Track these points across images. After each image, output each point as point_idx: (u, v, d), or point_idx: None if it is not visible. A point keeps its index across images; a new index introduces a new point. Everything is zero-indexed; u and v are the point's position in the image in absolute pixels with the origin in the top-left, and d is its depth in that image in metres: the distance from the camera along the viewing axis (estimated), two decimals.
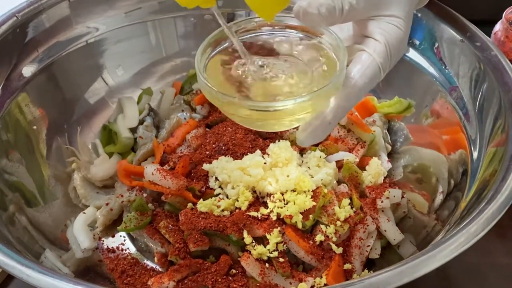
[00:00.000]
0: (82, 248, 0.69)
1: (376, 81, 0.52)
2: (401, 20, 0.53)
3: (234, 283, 0.62)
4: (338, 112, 0.51)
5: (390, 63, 0.53)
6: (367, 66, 0.51)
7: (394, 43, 0.52)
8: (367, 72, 0.51)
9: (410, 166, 0.77)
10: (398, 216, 0.71)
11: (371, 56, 0.51)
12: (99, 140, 0.84)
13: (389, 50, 0.52)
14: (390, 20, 0.53)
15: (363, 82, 0.51)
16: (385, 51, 0.52)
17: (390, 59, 0.52)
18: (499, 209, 0.53)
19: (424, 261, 0.48)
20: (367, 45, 0.52)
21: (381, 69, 0.52)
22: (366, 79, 0.51)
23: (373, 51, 0.51)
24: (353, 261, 0.64)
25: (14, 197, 0.69)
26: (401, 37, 0.53)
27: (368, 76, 0.51)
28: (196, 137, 0.77)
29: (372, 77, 0.51)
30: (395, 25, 0.53)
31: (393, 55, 0.52)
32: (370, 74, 0.51)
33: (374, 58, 0.51)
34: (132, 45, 0.91)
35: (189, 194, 0.69)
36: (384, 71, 0.52)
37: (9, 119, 0.74)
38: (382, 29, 0.52)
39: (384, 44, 0.52)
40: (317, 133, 0.52)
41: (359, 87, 0.51)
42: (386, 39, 0.52)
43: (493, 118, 0.65)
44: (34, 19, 0.79)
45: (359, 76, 0.51)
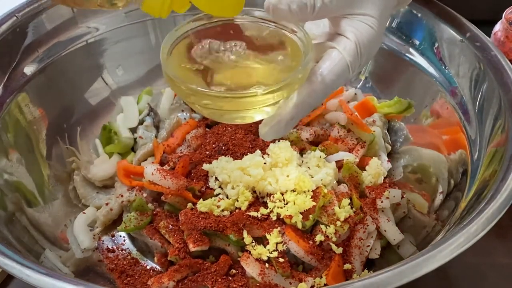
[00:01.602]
0: (82, 248, 0.69)
1: (344, 79, 0.52)
2: (374, 19, 0.53)
3: (234, 283, 0.62)
4: (302, 108, 0.51)
5: (360, 62, 0.52)
6: (336, 63, 0.51)
7: (365, 42, 0.52)
8: (335, 69, 0.51)
9: (410, 166, 0.77)
10: (398, 216, 0.71)
11: (340, 53, 0.51)
12: (99, 140, 0.84)
13: (360, 48, 0.51)
14: (362, 19, 0.52)
15: (330, 79, 0.51)
16: (355, 49, 0.51)
17: (360, 58, 0.52)
18: (499, 209, 0.53)
19: (424, 261, 0.48)
20: (338, 43, 0.52)
21: (350, 67, 0.51)
22: (333, 76, 0.51)
23: (343, 49, 0.51)
24: (353, 261, 0.64)
25: (14, 197, 0.69)
26: (373, 36, 0.52)
27: (336, 73, 0.51)
28: (196, 137, 0.77)
29: (339, 75, 0.51)
30: (368, 24, 0.52)
31: (363, 54, 0.52)
32: (338, 71, 0.51)
33: (343, 56, 0.51)
34: (132, 45, 0.91)
35: (189, 194, 0.69)
36: (353, 70, 0.52)
37: (9, 119, 0.74)
38: (354, 27, 0.52)
39: (355, 42, 0.51)
40: (279, 128, 0.52)
41: (326, 83, 0.51)
42: (357, 37, 0.51)
43: (493, 118, 0.65)
44: (34, 19, 0.79)
45: (327, 73, 0.51)
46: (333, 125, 0.77)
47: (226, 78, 0.52)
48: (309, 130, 0.76)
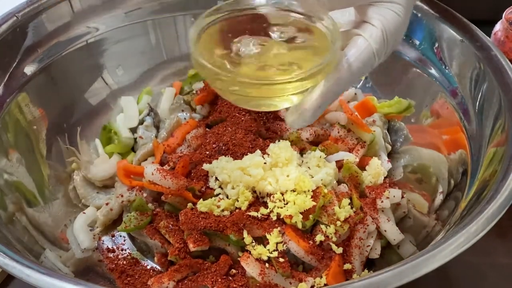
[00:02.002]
0: (82, 248, 0.69)
1: (369, 67, 0.52)
2: (401, 6, 0.52)
3: (234, 283, 0.62)
4: (329, 96, 0.51)
5: (386, 50, 0.52)
6: (362, 50, 0.51)
7: (391, 29, 0.52)
8: (361, 57, 0.51)
9: (410, 166, 0.77)
10: (398, 216, 0.71)
11: (366, 41, 0.51)
12: (99, 140, 0.84)
13: (386, 36, 0.51)
14: (389, 6, 0.52)
15: (356, 66, 0.51)
16: (381, 36, 0.51)
17: (386, 45, 0.52)
18: (499, 209, 0.53)
19: (424, 261, 0.48)
20: (364, 30, 0.52)
21: (376, 55, 0.51)
22: (359, 63, 0.51)
23: (369, 36, 0.51)
24: (353, 261, 0.64)
25: (14, 197, 0.69)
26: (399, 24, 0.52)
27: (362, 60, 0.51)
28: (196, 137, 0.77)
29: (365, 62, 0.51)
30: (394, 11, 0.52)
31: (389, 42, 0.52)
32: (364, 59, 0.51)
33: (369, 43, 0.51)
34: (132, 45, 0.91)
35: (189, 194, 0.69)
36: (379, 58, 0.52)
37: (9, 119, 0.74)
38: (380, 14, 0.52)
39: (381, 29, 0.51)
40: (307, 116, 0.52)
41: (352, 71, 0.51)
42: (383, 24, 0.51)
43: (493, 118, 0.65)
44: (34, 19, 0.79)
45: (353, 60, 0.51)
46: (333, 125, 0.77)
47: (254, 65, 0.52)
48: (309, 130, 0.76)
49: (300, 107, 0.52)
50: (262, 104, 0.53)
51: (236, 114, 0.79)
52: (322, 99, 0.51)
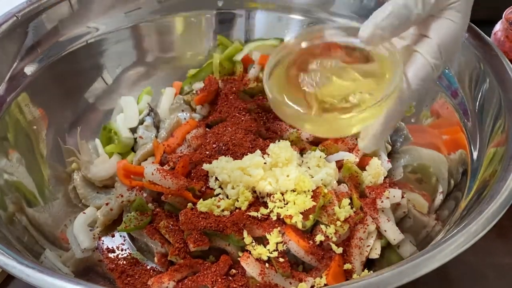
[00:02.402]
0: (82, 248, 0.69)
1: (429, 81, 0.52)
2: (458, 13, 0.52)
3: (234, 283, 0.62)
4: (393, 116, 0.53)
5: (443, 60, 0.52)
6: (419, 68, 0.52)
7: (447, 39, 0.52)
8: (420, 75, 0.52)
9: (410, 166, 0.77)
10: (398, 216, 0.71)
11: (423, 57, 0.51)
12: (99, 140, 0.84)
13: (442, 47, 0.52)
14: (447, 15, 0.52)
15: (415, 84, 0.52)
16: (437, 50, 0.51)
17: (442, 56, 0.52)
18: (499, 209, 0.53)
19: (424, 261, 0.48)
20: (421, 46, 0.52)
21: (434, 68, 0.52)
22: (418, 81, 0.52)
23: (426, 52, 0.52)
24: (353, 261, 0.64)
25: (14, 197, 0.69)
26: (455, 31, 0.52)
27: (421, 78, 0.52)
28: (196, 137, 0.77)
29: (425, 79, 0.52)
30: (451, 19, 0.52)
31: (446, 52, 0.52)
32: (423, 76, 0.52)
33: (426, 59, 0.51)
34: (132, 45, 0.91)
35: (189, 194, 0.69)
36: (438, 70, 0.52)
37: (9, 119, 0.74)
38: (437, 25, 0.52)
39: (436, 42, 0.51)
40: (375, 140, 0.55)
41: (412, 90, 0.52)
42: (439, 37, 0.52)
43: (493, 118, 0.65)
44: (34, 19, 0.79)
45: (412, 79, 0.51)
46: None
47: (326, 95, 0.54)
48: None
49: (368, 133, 0.55)
50: (331, 131, 0.57)
51: (236, 114, 0.79)
52: (386, 122, 0.53)
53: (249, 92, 0.84)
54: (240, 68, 0.87)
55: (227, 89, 0.82)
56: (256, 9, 0.93)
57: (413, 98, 0.53)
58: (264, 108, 0.81)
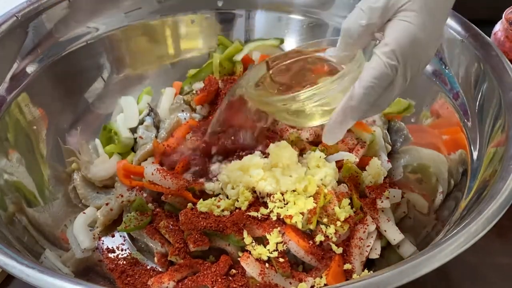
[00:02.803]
0: (82, 248, 0.69)
1: (385, 81, 0.53)
2: (414, 13, 0.53)
3: (234, 283, 0.62)
4: (347, 111, 0.55)
5: (403, 63, 0.53)
6: (373, 66, 0.53)
7: (402, 40, 0.52)
8: (372, 73, 0.53)
9: (410, 166, 0.77)
10: (398, 216, 0.71)
11: (377, 56, 0.53)
12: (99, 140, 0.84)
13: (396, 47, 0.52)
14: (401, 16, 0.53)
15: (366, 81, 0.53)
16: (390, 49, 0.52)
17: (398, 57, 0.52)
18: (499, 209, 0.53)
19: (424, 261, 0.48)
20: (377, 47, 0.53)
21: (388, 68, 0.52)
22: (370, 78, 0.53)
23: (380, 52, 0.53)
24: (353, 261, 0.64)
25: (14, 197, 0.69)
26: (410, 31, 0.52)
27: (373, 75, 0.53)
28: (196, 137, 0.77)
29: (378, 77, 0.53)
30: (403, 20, 0.53)
31: (403, 53, 0.52)
32: (375, 74, 0.53)
33: (380, 57, 0.52)
34: (132, 45, 0.91)
35: (189, 194, 0.69)
36: (395, 71, 0.53)
37: (9, 119, 0.74)
38: (393, 28, 0.53)
39: (388, 42, 0.52)
40: (332, 132, 0.57)
41: (364, 86, 0.53)
42: (392, 37, 0.53)
43: (493, 118, 0.65)
44: (34, 19, 0.79)
45: (365, 77, 0.53)
46: None
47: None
48: (309, 130, 0.76)
49: (327, 125, 0.57)
50: (297, 121, 0.63)
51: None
52: (342, 115, 0.55)
53: None
54: (240, 68, 0.87)
55: (227, 89, 0.82)
56: (256, 9, 0.93)
57: (368, 95, 0.53)
58: None
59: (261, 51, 0.88)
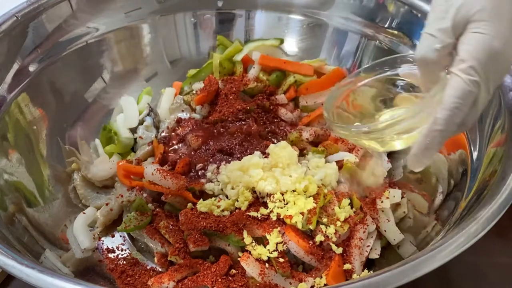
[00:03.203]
0: (82, 248, 0.69)
1: (469, 99, 0.50)
2: (486, 22, 0.49)
3: (234, 283, 0.62)
4: (432, 136, 0.52)
5: (485, 76, 0.49)
6: (453, 86, 0.50)
7: (478, 52, 0.49)
8: (453, 93, 0.50)
9: None
10: (398, 216, 0.71)
11: (455, 75, 0.50)
12: (99, 140, 0.84)
13: (475, 61, 0.49)
14: (473, 28, 0.49)
15: (450, 102, 0.50)
16: (469, 65, 0.49)
17: (482, 71, 0.49)
18: (499, 209, 0.53)
19: (424, 261, 0.48)
20: (453, 65, 0.50)
21: (470, 84, 0.49)
22: (453, 99, 0.50)
23: (457, 70, 0.50)
24: (353, 261, 0.64)
25: (14, 197, 0.69)
26: (484, 42, 0.49)
27: (456, 95, 0.50)
28: (196, 137, 0.77)
29: (460, 96, 0.49)
30: (479, 32, 0.49)
31: (483, 66, 0.49)
32: (457, 94, 0.50)
33: (459, 76, 0.49)
34: (132, 45, 0.91)
35: (189, 194, 0.69)
36: (478, 87, 0.49)
37: (9, 119, 0.74)
38: (465, 42, 0.50)
39: (465, 57, 0.49)
40: (417, 158, 0.54)
41: (447, 108, 0.50)
42: (469, 52, 0.49)
43: (493, 118, 0.65)
44: (34, 19, 0.79)
45: (447, 98, 0.50)
46: None
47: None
48: (309, 130, 0.76)
49: (411, 152, 0.54)
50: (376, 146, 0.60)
51: (236, 114, 0.79)
52: (425, 141, 0.52)
53: (249, 92, 0.84)
54: (240, 68, 0.87)
55: (227, 89, 0.82)
56: (256, 9, 0.93)
57: (452, 117, 0.50)
58: (264, 108, 0.81)
59: (261, 51, 0.88)
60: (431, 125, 0.51)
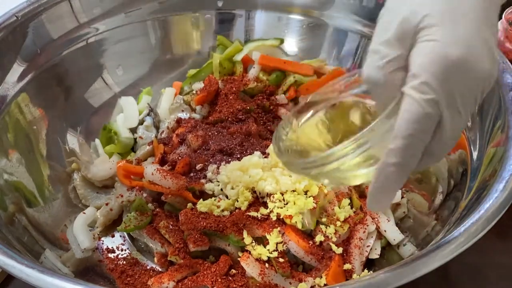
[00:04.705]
0: (82, 248, 0.69)
1: (426, 121, 0.41)
2: (430, 28, 0.41)
3: (234, 283, 0.62)
4: (389, 171, 0.43)
5: (448, 89, 0.41)
6: (406, 108, 0.41)
7: (429, 64, 0.41)
8: (406, 116, 0.41)
9: None
10: (398, 216, 0.71)
11: (407, 95, 0.41)
12: (99, 140, 0.84)
13: (430, 76, 0.40)
14: (423, 36, 0.42)
15: (403, 128, 0.41)
16: (420, 83, 0.41)
17: (439, 86, 0.40)
18: (499, 209, 0.53)
19: (424, 261, 0.48)
20: (406, 83, 0.42)
21: (424, 105, 0.41)
22: (408, 124, 0.41)
23: (408, 87, 0.41)
24: (353, 261, 0.64)
25: (14, 197, 0.69)
26: (440, 51, 0.40)
27: (409, 119, 0.41)
28: (196, 137, 0.77)
29: (415, 120, 0.41)
30: (425, 40, 0.41)
31: (437, 78, 0.40)
32: (411, 117, 0.41)
33: (410, 95, 0.41)
34: (132, 45, 0.91)
35: (189, 194, 0.69)
36: (438, 104, 0.41)
37: (9, 119, 0.74)
38: (415, 54, 0.42)
39: (416, 73, 0.41)
40: (374, 197, 0.45)
41: (401, 135, 0.41)
42: (417, 64, 0.41)
43: (493, 118, 0.65)
44: (34, 19, 0.79)
45: (399, 124, 0.42)
46: None
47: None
48: None
49: (368, 191, 0.45)
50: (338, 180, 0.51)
51: (236, 114, 0.79)
52: (381, 177, 0.43)
53: (249, 92, 0.84)
54: (240, 68, 0.87)
55: (227, 89, 0.82)
56: (256, 9, 0.93)
57: (407, 147, 0.42)
58: (264, 108, 0.81)
59: (261, 51, 0.88)
60: (385, 158, 0.42)
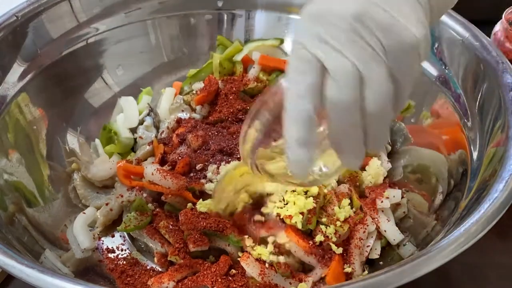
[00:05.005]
0: (82, 248, 0.69)
1: (305, 68, 0.40)
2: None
3: (234, 283, 0.62)
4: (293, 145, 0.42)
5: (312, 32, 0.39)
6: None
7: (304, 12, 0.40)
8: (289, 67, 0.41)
9: (410, 166, 0.77)
10: (398, 216, 0.71)
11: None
12: (99, 140, 0.84)
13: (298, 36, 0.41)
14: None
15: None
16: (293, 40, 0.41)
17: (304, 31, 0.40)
18: (499, 209, 0.53)
19: (424, 261, 0.48)
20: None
21: (296, 58, 0.40)
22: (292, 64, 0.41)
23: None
24: (353, 261, 0.64)
25: (14, 197, 0.69)
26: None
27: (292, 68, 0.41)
28: (196, 137, 0.77)
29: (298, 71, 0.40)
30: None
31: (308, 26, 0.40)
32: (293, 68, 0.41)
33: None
34: (132, 45, 0.91)
35: (189, 194, 0.69)
36: (306, 47, 0.40)
37: (9, 119, 0.74)
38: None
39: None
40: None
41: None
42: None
43: (493, 118, 0.65)
44: (34, 19, 0.79)
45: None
46: None
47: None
48: None
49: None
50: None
51: (236, 114, 0.79)
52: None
53: (249, 92, 0.84)
54: (240, 68, 0.87)
55: (227, 89, 0.82)
56: (256, 9, 0.93)
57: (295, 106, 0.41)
58: None
59: (261, 51, 0.88)
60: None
